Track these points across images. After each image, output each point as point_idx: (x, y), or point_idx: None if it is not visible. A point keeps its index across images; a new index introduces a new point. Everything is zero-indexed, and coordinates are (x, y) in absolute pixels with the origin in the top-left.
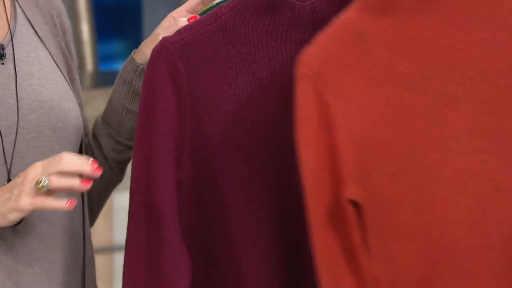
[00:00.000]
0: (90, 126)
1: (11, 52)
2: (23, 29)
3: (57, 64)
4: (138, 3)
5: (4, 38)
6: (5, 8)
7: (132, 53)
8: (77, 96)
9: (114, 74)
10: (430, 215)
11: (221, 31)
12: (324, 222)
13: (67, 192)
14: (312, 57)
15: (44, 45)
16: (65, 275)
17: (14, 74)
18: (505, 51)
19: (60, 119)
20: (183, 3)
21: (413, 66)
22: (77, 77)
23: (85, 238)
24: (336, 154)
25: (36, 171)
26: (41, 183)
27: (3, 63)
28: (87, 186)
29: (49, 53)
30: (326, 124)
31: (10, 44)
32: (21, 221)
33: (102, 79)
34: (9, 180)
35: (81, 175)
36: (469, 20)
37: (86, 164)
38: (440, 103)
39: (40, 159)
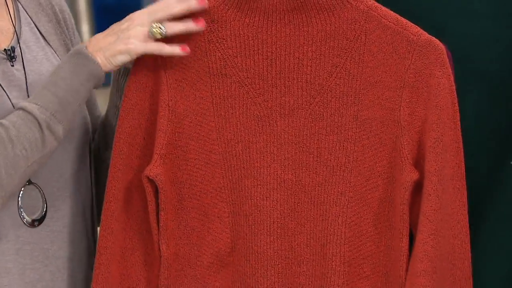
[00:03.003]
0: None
1: (18, 53)
2: (27, 29)
3: None
4: (138, 3)
5: (12, 40)
6: (8, 10)
7: None
8: None
9: None
10: (233, 208)
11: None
12: (121, 193)
13: (75, 194)
14: None
15: (49, 43)
16: (81, 274)
17: (24, 75)
18: (351, 83)
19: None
20: None
21: (256, 68)
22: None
23: (95, 236)
24: (154, 129)
25: (142, 17)
26: (158, 30)
27: (13, 65)
28: (202, 24)
29: (54, 51)
30: (154, 98)
31: (18, 45)
32: (41, 222)
33: None
34: (29, 179)
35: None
36: (326, 42)
37: (192, 2)
38: (274, 109)
39: (54, 159)
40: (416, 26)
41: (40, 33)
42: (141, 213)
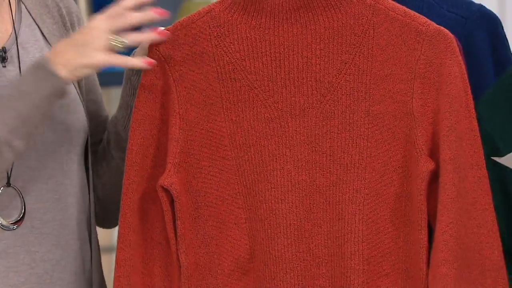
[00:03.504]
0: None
1: (13, 54)
2: (28, 30)
3: None
4: None
5: (7, 40)
6: (11, 10)
7: (133, 51)
8: (93, 93)
9: (114, 74)
10: (249, 214)
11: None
12: (137, 204)
13: (74, 195)
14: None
15: (51, 45)
16: (71, 277)
17: (19, 76)
18: (362, 78)
19: (62, 121)
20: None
21: (265, 70)
22: (90, 75)
23: (92, 240)
24: (166, 138)
25: (101, 27)
26: (117, 43)
27: (4, 66)
28: (164, 35)
29: None
30: (165, 107)
31: (14, 46)
32: (21, 220)
33: (102, 79)
34: (8, 182)
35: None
36: (333, 40)
37: (151, 13)
38: (284, 110)
39: (42, 161)
40: (424, 17)
41: (43, 34)
42: (160, 224)
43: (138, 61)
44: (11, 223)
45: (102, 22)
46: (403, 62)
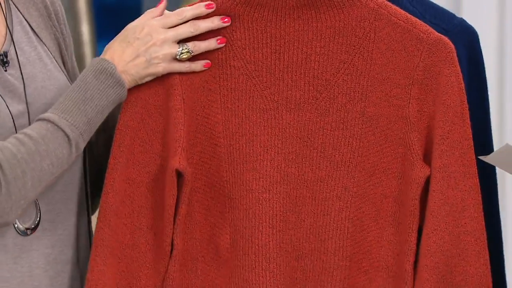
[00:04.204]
0: None
1: (13, 57)
2: (19, 28)
3: (55, 60)
4: (138, 3)
5: (4, 44)
6: (3, 12)
7: None
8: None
9: None
10: (234, 203)
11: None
12: (120, 186)
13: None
14: None
15: (41, 40)
16: (79, 276)
17: (21, 79)
18: (359, 79)
19: None
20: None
21: (265, 61)
22: (73, 64)
23: (91, 236)
24: (157, 126)
25: (164, 35)
26: (187, 54)
27: (6, 70)
28: (223, 42)
29: (47, 48)
30: (159, 95)
31: (12, 48)
32: (37, 227)
33: None
34: None
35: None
36: (334, 39)
37: (217, 21)
38: (280, 103)
39: None
40: (426, 25)
41: (32, 29)
42: (142, 209)
43: (200, 65)
44: (27, 229)
45: (168, 32)
46: (402, 67)
